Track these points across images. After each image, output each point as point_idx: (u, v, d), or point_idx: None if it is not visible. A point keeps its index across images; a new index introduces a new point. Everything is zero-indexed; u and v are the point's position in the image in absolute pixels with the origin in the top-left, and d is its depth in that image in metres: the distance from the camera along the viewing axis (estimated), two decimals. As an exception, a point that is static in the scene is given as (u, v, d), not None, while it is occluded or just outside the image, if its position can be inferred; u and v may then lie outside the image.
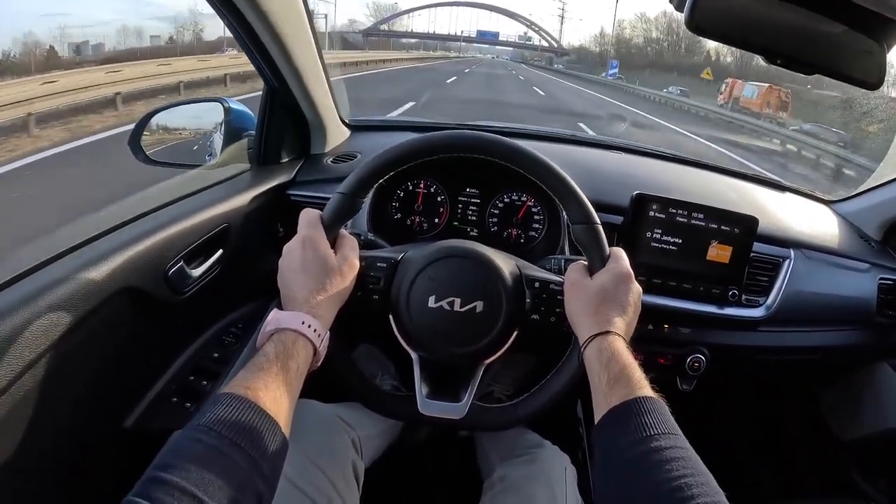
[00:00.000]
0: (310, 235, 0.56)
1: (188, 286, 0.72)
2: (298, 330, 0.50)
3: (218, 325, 0.84)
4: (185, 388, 0.75)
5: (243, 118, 0.94)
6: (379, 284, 0.61)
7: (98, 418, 0.65)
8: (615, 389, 0.48)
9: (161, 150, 0.95)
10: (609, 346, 0.52)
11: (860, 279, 1.00)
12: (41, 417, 0.54)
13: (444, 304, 0.58)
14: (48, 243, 0.61)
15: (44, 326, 0.51)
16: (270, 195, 0.89)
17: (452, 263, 0.60)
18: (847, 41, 0.57)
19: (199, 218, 0.73)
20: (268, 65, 0.81)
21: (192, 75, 9.07)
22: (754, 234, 0.87)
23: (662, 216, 0.86)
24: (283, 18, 0.75)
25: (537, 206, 0.94)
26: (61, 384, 0.56)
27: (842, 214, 1.16)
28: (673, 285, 0.88)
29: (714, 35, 0.60)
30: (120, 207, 0.74)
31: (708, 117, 15.51)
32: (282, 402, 0.44)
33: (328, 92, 0.97)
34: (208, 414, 0.40)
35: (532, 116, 9.65)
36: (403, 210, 0.96)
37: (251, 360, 0.47)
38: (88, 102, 6.53)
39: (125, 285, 0.61)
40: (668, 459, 0.41)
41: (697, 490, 0.39)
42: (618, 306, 0.55)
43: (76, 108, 6.29)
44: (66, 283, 0.54)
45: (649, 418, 0.45)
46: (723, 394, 1.15)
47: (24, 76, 9.12)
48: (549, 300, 0.61)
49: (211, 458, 0.38)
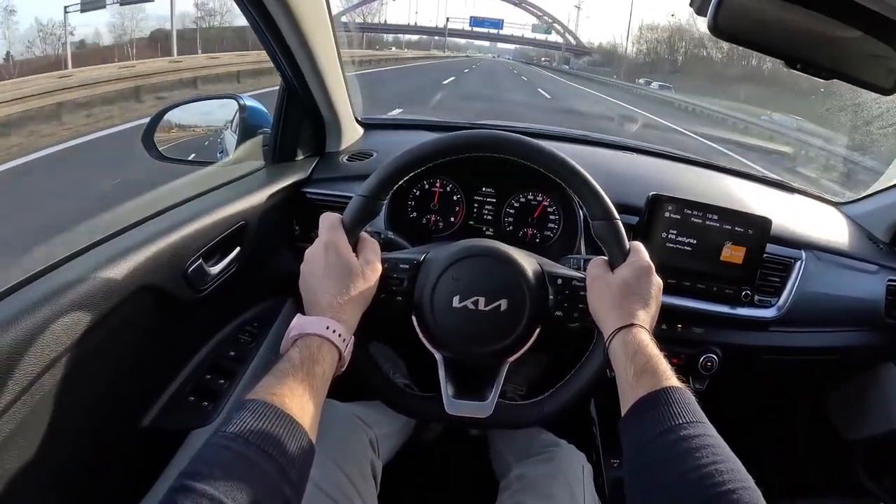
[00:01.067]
0: (332, 239, 0.56)
1: (207, 284, 0.71)
2: (323, 335, 0.50)
3: (234, 323, 0.84)
4: (201, 387, 0.75)
5: (258, 115, 0.94)
6: (402, 286, 0.61)
7: (116, 417, 0.64)
8: (642, 381, 0.48)
9: (174, 146, 0.95)
10: (634, 339, 0.52)
11: (869, 281, 1.01)
12: (61, 415, 0.54)
13: (468, 304, 0.59)
14: (68, 239, 0.61)
15: (65, 324, 0.51)
16: (286, 193, 0.88)
17: (475, 263, 0.60)
18: (863, 47, 0.58)
19: (217, 216, 0.73)
20: (289, 63, 0.81)
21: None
22: (768, 235, 0.88)
23: (678, 217, 0.86)
24: (308, 18, 0.75)
25: (553, 205, 0.94)
26: (81, 382, 0.55)
27: (850, 216, 1.16)
28: (687, 285, 0.88)
29: (735, 39, 0.61)
30: (137, 204, 0.73)
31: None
32: (308, 408, 0.44)
33: (345, 90, 0.97)
34: (235, 421, 0.40)
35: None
36: (419, 209, 0.96)
37: (276, 366, 0.47)
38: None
39: (146, 283, 0.61)
40: (698, 447, 0.42)
41: (728, 476, 0.39)
42: (640, 299, 0.56)
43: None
44: (88, 281, 0.54)
45: (677, 408, 0.45)
46: (733, 393, 1.15)
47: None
48: (572, 296, 0.61)
49: (239, 466, 0.37)
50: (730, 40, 0.61)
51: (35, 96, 5.72)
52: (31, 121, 5.50)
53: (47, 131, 5.37)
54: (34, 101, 5.67)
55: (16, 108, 5.41)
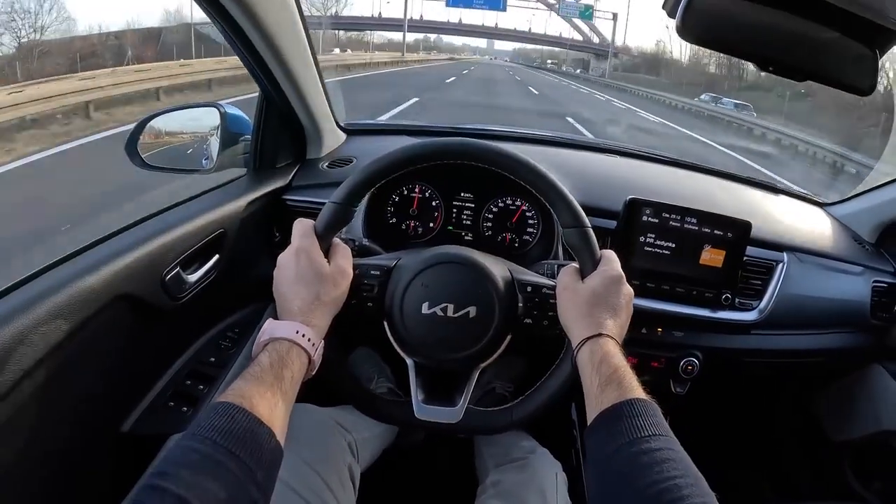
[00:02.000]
0: (303, 246, 0.56)
1: (185, 292, 0.72)
2: (293, 339, 0.51)
3: (214, 330, 0.84)
4: (181, 393, 0.76)
5: (239, 123, 0.94)
6: (373, 292, 0.61)
7: (96, 423, 0.65)
8: (606, 392, 0.49)
9: (157, 154, 0.95)
10: (601, 349, 0.52)
11: (854, 282, 1.01)
12: (40, 423, 0.55)
13: (437, 311, 0.59)
14: (47, 250, 0.62)
15: (42, 334, 0.52)
16: (266, 200, 0.89)
17: (445, 269, 0.60)
18: (839, 47, 0.57)
19: (196, 224, 0.74)
20: (262, 70, 0.82)
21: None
22: (747, 237, 0.88)
23: (655, 221, 0.86)
24: (275, 23, 0.74)
25: (531, 210, 0.95)
26: (60, 390, 0.56)
27: (835, 217, 1.16)
28: (666, 289, 0.88)
29: (706, 42, 0.60)
30: (118, 213, 0.74)
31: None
32: (276, 411, 0.45)
33: (323, 96, 0.97)
34: (203, 423, 0.41)
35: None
36: (398, 214, 0.96)
37: (246, 370, 0.47)
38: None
39: (122, 292, 0.62)
40: (659, 461, 0.42)
41: (688, 491, 0.39)
42: (609, 309, 0.56)
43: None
44: (64, 291, 0.55)
45: (640, 420, 0.45)
46: (717, 396, 1.15)
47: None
48: (542, 304, 0.61)
49: (206, 466, 0.38)
50: (701, 44, 0.60)
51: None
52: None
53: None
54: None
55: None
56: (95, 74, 7.80)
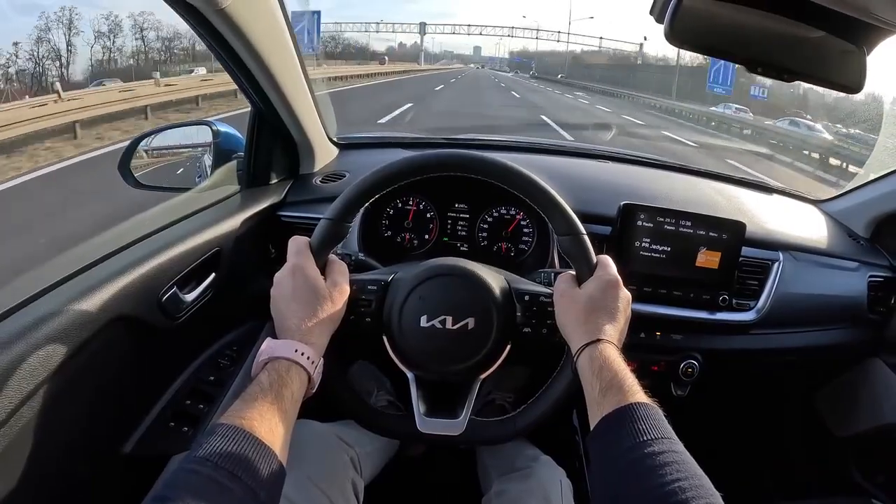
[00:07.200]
0: (299, 264, 0.56)
1: (182, 311, 0.72)
2: (291, 358, 0.50)
3: (213, 349, 0.84)
4: (181, 413, 0.75)
5: (232, 140, 0.95)
6: (370, 307, 0.61)
7: (97, 445, 0.65)
8: (608, 397, 0.49)
9: (151, 173, 0.95)
10: (600, 354, 0.52)
11: (850, 278, 1.01)
12: (41, 448, 0.54)
13: (435, 323, 0.59)
14: (44, 273, 0.62)
15: (41, 358, 0.52)
16: (261, 217, 0.89)
17: (441, 282, 0.60)
18: (827, 46, 0.57)
19: (191, 243, 0.74)
20: (252, 86, 0.82)
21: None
22: (742, 238, 0.88)
23: (650, 225, 0.87)
24: (264, 40, 0.74)
25: (526, 219, 0.95)
26: (60, 414, 0.56)
27: (830, 214, 1.17)
28: (663, 293, 0.88)
29: (694, 46, 0.60)
30: (112, 234, 0.74)
31: None
32: (277, 431, 0.45)
33: (314, 111, 0.97)
34: (204, 445, 0.41)
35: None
36: (394, 227, 0.96)
37: (246, 391, 0.47)
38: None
39: (120, 314, 0.62)
40: (662, 464, 0.42)
41: (692, 493, 0.39)
42: (607, 314, 0.56)
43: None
44: (62, 315, 0.55)
45: (642, 424, 0.45)
46: (718, 397, 1.15)
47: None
48: (540, 312, 0.61)
49: (208, 490, 0.38)
50: (689, 48, 0.61)
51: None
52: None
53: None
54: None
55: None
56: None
